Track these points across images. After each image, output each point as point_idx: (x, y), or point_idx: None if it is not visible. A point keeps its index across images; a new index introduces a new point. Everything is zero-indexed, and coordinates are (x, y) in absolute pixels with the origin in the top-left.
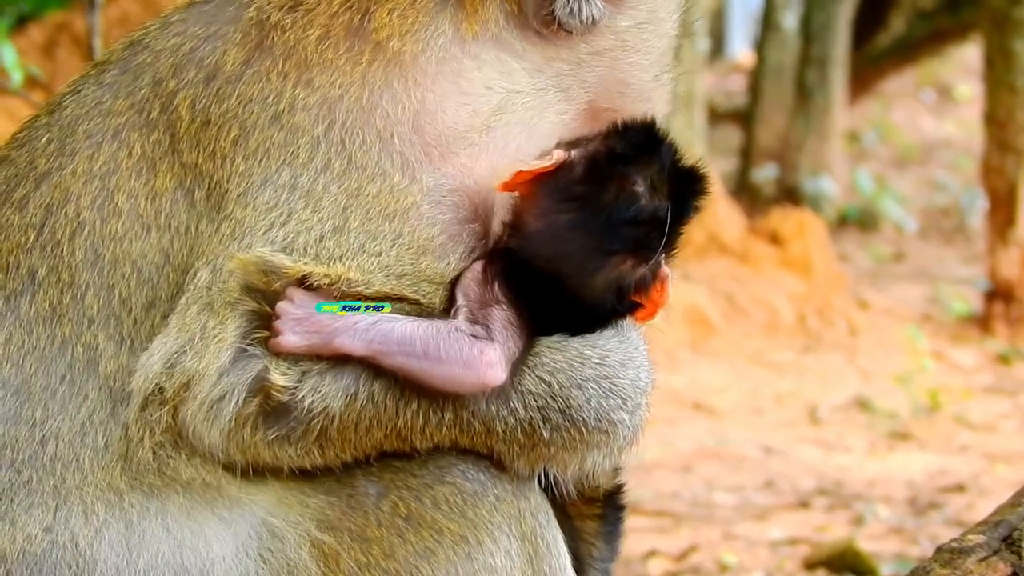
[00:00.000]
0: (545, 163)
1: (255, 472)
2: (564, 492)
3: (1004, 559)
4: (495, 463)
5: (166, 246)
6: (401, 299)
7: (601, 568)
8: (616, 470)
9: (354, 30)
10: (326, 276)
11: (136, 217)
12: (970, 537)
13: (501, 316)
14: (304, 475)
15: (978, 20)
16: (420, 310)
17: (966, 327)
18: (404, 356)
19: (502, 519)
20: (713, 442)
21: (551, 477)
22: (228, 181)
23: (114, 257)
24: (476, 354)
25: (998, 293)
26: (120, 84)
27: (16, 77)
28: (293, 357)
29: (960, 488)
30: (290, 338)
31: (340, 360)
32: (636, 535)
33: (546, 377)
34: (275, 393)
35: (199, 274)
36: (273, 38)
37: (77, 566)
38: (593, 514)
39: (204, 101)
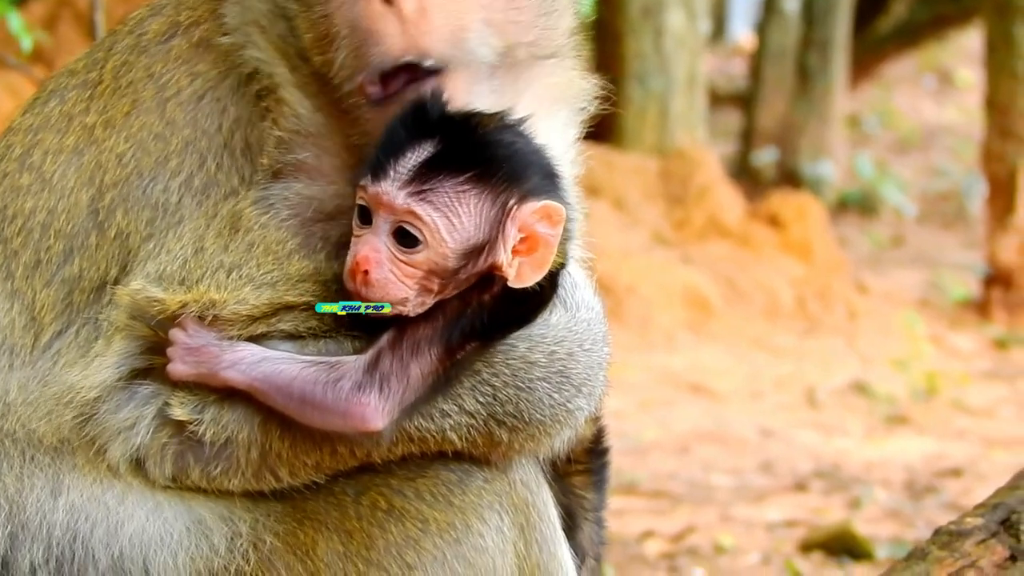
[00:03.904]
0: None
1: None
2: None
3: (1002, 541)
4: None
5: (52, 206)
6: (289, 308)
7: (593, 517)
8: (596, 418)
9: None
10: (195, 301)
11: (39, 173)
12: (968, 520)
13: (410, 364)
14: None
15: (980, 6)
16: (317, 329)
17: (965, 312)
18: (283, 399)
19: (493, 497)
20: (711, 424)
21: None
22: (107, 156)
23: (13, 211)
24: (355, 403)
25: (997, 279)
26: (93, 49)
27: (26, 43)
28: (190, 386)
29: (957, 473)
30: (179, 367)
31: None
32: (633, 516)
33: (487, 391)
34: (188, 426)
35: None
36: (186, 16)
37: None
38: (579, 470)
39: (123, 67)
